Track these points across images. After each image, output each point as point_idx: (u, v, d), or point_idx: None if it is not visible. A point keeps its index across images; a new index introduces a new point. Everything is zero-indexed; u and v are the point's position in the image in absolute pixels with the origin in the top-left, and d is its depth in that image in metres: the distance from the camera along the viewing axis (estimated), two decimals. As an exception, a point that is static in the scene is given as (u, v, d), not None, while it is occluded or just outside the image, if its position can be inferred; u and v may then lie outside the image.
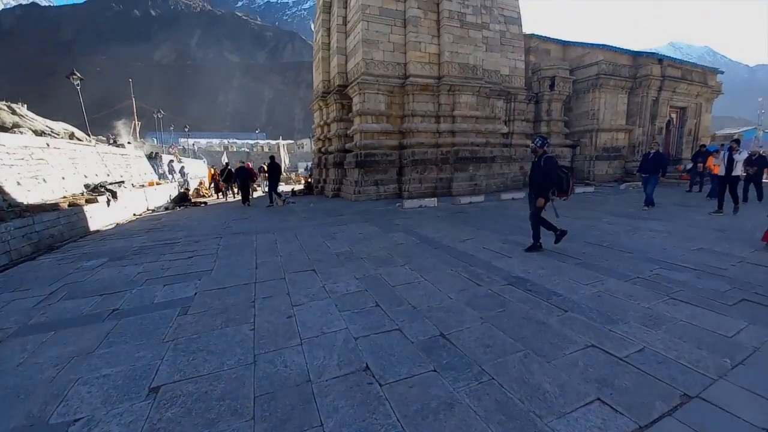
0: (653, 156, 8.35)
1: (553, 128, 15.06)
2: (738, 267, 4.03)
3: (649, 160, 8.36)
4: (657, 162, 8.26)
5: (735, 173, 7.31)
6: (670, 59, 16.66)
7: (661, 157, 8.47)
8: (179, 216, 10.57)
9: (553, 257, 4.59)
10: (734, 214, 7.24)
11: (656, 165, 8.23)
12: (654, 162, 8.26)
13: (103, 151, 12.79)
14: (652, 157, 8.35)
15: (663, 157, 8.60)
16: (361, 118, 11.64)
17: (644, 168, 8.47)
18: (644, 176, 8.44)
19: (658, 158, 8.33)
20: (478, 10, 12.39)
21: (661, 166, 8.27)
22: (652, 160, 8.31)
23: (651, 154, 8.41)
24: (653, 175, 8.20)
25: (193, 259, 5.18)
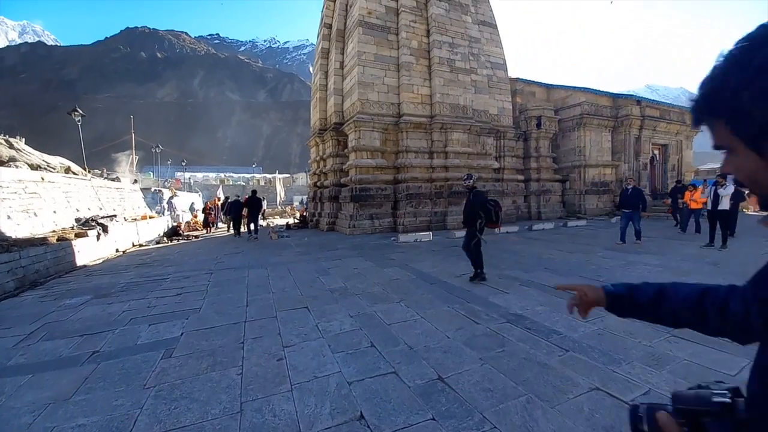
0: (632, 192, 8.45)
1: (542, 164, 15.57)
2: None
3: (629, 195, 8.45)
4: (637, 197, 8.36)
5: (722, 207, 7.49)
6: (648, 101, 17.76)
7: (640, 192, 8.59)
8: (170, 250, 10.38)
9: (551, 293, 4.53)
10: (720, 249, 7.29)
11: (637, 200, 8.32)
12: (634, 197, 8.35)
13: (98, 185, 12.79)
14: (631, 193, 8.44)
15: (641, 192, 8.74)
16: (357, 154, 11.95)
17: (625, 204, 8.50)
18: (626, 212, 8.44)
19: (637, 194, 8.44)
20: (466, 56, 13.26)
21: (641, 201, 8.37)
22: (632, 196, 8.39)
23: (629, 189, 8.52)
24: (636, 211, 8.25)
25: (181, 296, 5.01)
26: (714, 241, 7.54)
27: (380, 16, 12.55)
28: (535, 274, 5.48)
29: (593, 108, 15.68)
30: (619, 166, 16.22)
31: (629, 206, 8.35)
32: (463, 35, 13.35)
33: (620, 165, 16.19)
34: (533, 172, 15.42)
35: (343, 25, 13.92)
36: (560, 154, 16.42)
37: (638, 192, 8.51)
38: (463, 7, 13.78)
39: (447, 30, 12.92)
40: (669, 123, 17.17)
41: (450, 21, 13.04)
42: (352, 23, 12.91)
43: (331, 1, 15.21)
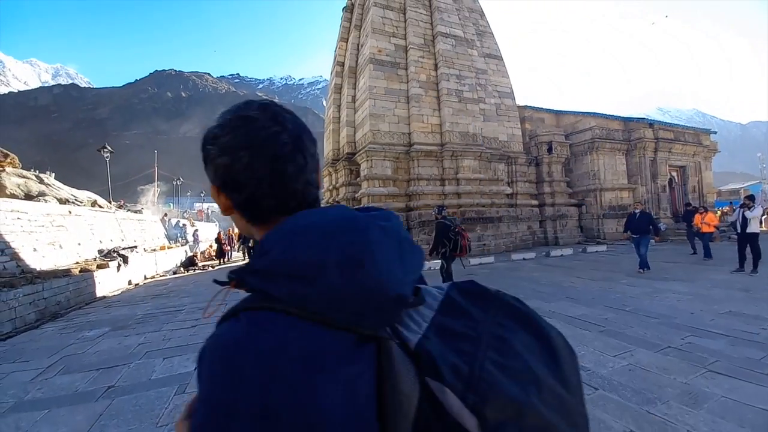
0: (640, 216, 8.07)
1: (556, 188, 15.41)
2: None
3: (637, 219, 8.05)
4: (647, 221, 7.98)
5: (750, 230, 7.15)
6: (660, 123, 17.66)
7: (649, 216, 8.24)
8: (186, 281, 10.52)
9: (575, 324, 4.32)
10: (751, 274, 6.89)
11: (647, 224, 7.92)
12: (644, 222, 7.96)
13: (121, 217, 13.31)
14: (639, 217, 8.05)
15: (651, 216, 8.39)
16: (369, 182, 12.14)
17: (634, 228, 8.05)
18: (635, 237, 8.00)
19: (646, 218, 8.07)
20: (474, 87, 13.67)
21: (652, 225, 7.97)
22: (640, 220, 7.99)
23: (637, 213, 8.15)
24: (645, 236, 7.83)
25: (196, 328, 5.01)
26: (744, 265, 7.15)
27: (390, 53, 13.20)
28: (557, 304, 5.26)
29: (604, 132, 15.66)
30: (636, 189, 15.87)
31: (638, 231, 7.95)
32: (469, 67, 13.84)
33: (637, 188, 15.85)
34: (547, 197, 15.24)
35: (355, 63, 14.67)
36: (574, 178, 16.26)
37: (647, 216, 8.15)
38: (469, 42, 14.40)
39: (454, 63, 13.43)
40: (684, 144, 16.92)
41: (457, 55, 13.59)
42: (363, 61, 13.60)
43: (343, 42, 16.15)
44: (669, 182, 16.69)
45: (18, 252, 7.48)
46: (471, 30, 14.96)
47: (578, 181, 16.11)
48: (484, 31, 15.83)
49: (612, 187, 15.40)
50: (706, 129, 19.72)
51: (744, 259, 7.20)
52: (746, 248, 7.21)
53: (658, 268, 8.10)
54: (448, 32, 13.69)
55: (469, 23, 15.05)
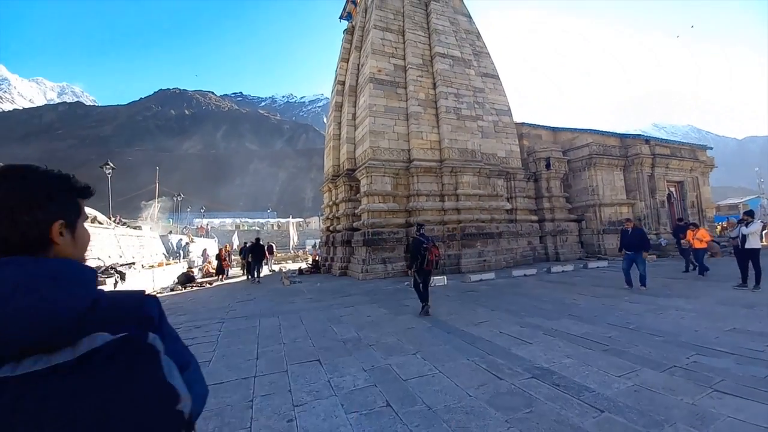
0: (633, 232, 7.95)
1: (555, 204, 15.46)
2: None
3: (630, 236, 7.92)
4: (640, 238, 7.84)
5: (749, 246, 7.11)
6: (656, 139, 17.91)
7: (642, 232, 8.10)
8: (184, 298, 10.40)
9: (578, 343, 4.24)
10: (754, 290, 6.81)
11: (640, 241, 7.79)
12: (636, 238, 7.82)
13: (120, 234, 13.29)
14: (632, 234, 7.93)
15: (643, 232, 8.22)
16: (369, 198, 12.19)
17: (629, 245, 7.91)
18: (628, 254, 7.87)
19: (640, 234, 7.93)
20: (472, 105, 13.94)
21: (644, 242, 7.84)
22: (633, 237, 7.87)
23: (629, 231, 8.03)
24: (639, 253, 7.70)
25: (191, 347, 4.84)
26: (747, 281, 7.08)
27: (389, 73, 13.53)
28: (560, 321, 5.19)
29: (601, 148, 15.85)
30: (635, 204, 15.93)
31: (631, 248, 7.84)
32: (467, 86, 14.16)
33: (636, 203, 15.90)
34: (547, 212, 15.28)
35: (355, 82, 15.01)
36: (573, 194, 16.34)
37: (640, 233, 8.02)
38: (466, 62, 14.79)
39: (452, 82, 13.75)
40: (681, 160, 17.10)
41: (454, 75, 13.93)
42: (363, 80, 13.92)
43: (344, 62, 16.58)
44: (668, 197, 16.77)
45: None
46: (468, 50, 15.39)
47: (577, 196, 16.19)
48: (481, 52, 16.29)
49: (611, 202, 15.45)
50: (701, 145, 19.98)
51: (746, 275, 7.14)
52: (747, 263, 7.16)
53: (660, 285, 8.04)
54: (445, 53, 14.08)
55: (466, 44, 15.50)
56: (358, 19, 16.58)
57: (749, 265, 7.14)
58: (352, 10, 18.80)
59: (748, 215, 7.40)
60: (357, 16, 17.01)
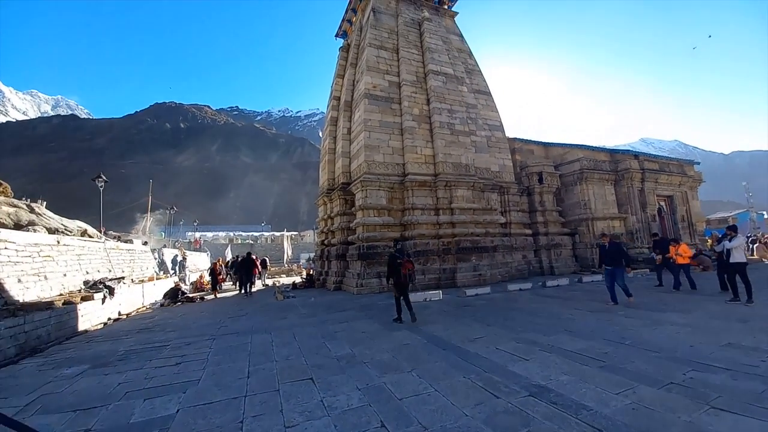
0: (610, 247, 7.79)
1: (548, 218, 15.60)
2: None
3: (608, 251, 7.77)
4: (618, 253, 7.70)
5: (734, 260, 7.18)
6: (645, 155, 18.32)
7: (619, 246, 7.93)
8: (174, 313, 10.16)
9: (574, 359, 4.20)
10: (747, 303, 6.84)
11: (619, 256, 7.66)
12: (615, 253, 7.68)
13: (110, 247, 13.03)
14: (609, 248, 7.78)
15: (621, 246, 8.02)
16: (364, 212, 12.19)
17: (607, 260, 7.78)
18: (608, 269, 7.72)
19: (617, 249, 7.77)
20: (465, 120, 14.20)
21: (623, 256, 7.71)
22: (611, 252, 7.72)
23: (606, 246, 7.89)
24: (618, 268, 7.59)
25: (180, 365, 4.77)
26: (738, 294, 7.15)
27: (384, 89, 13.79)
28: (556, 337, 5.15)
29: (592, 163, 16.16)
30: (627, 219, 16.14)
31: (611, 263, 7.70)
32: (460, 102, 14.45)
33: (628, 217, 16.12)
34: (540, 226, 15.39)
35: (351, 98, 15.25)
36: (566, 208, 16.53)
37: (616, 247, 7.87)
38: (459, 79, 15.15)
39: (445, 98, 14.04)
40: (670, 175, 17.48)
41: (448, 91, 14.23)
42: (358, 95, 14.15)
43: (339, 78, 16.88)
44: (658, 211, 17.04)
45: (2, 283, 7.22)
46: (460, 68, 15.79)
47: (570, 210, 16.37)
48: (473, 70, 16.72)
49: (603, 216, 15.65)
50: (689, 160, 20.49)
51: (736, 289, 7.21)
52: (734, 278, 7.25)
53: (654, 299, 8.07)
54: (439, 70, 14.42)
55: (458, 62, 15.92)
56: (353, 37, 16.98)
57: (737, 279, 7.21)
58: (347, 29, 19.29)
59: (732, 230, 7.48)
60: (352, 35, 17.43)
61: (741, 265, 7.14)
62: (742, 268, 7.12)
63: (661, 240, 10.77)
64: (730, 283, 7.31)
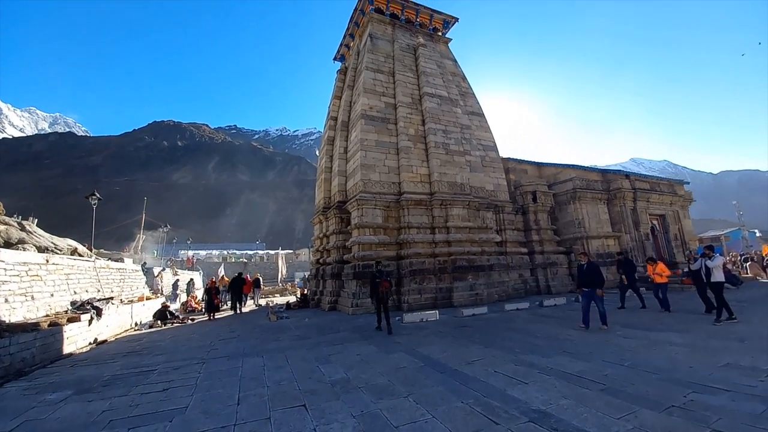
0: (587, 267, 7.50)
1: (543, 236, 15.67)
2: (766, 381, 3.83)
3: (584, 272, 7.48)
4: (593, 273, 7.39)
5: (714, 279, 7.16)
6: (636, 174, 18.69)
7: (595, 267, 7.56)
8: (163, 335, 9.86)
9: (574, 381, 4.12)
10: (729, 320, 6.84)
11: (593, 277, 7.36)
12: (590, 274, 7.40)
13: (100, 266, 12.77)
14: (586, 269, 7.49)
15: (597, 267, 7.62)
16: (360, 231, 12.16)
17: (582, 282, 7.50)
18: (585, 291, 7.44)
19: (593, 269, 7.47)
20: (459, 141, 14.48)
21: (597, 278, 7.38)
22: (587, 272, 7.43)
23: (584, 266, 7.64)
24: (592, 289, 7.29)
25: (168, 391, 4.58)
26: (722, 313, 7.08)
27: (380, 110, 14.09)
28: (554, 359, 5.06)
29: (584, 182, 16.42)
30: (621, 237, 16.26)
31: (587, 284, 7.39)
32: (455, 123, 14.78)
33: (622, 236, 16.25)
34: (536, 245, 15.43)
35: (348, 118, 15.53)
36: (560, 226, 16.64)
37: (593, 267, 7.54)
38: (453, 101, 15.56)
39: (440, 119, 14.36)
40: (661, 194, 17.79)
41: (442, 112, 14.58)
42: (355, 116, 14.43)
43: (337, 99, 17.25)
44: (651, 230, 17.21)
45: (-12, 303, 7.01)
46: (454, 91, 16.25)
47: (565, 229, 16.48)
48: (466, 92, 17.22)
49: (597, 234, 15.76)
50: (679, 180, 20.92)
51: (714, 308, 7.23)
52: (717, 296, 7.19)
53: (652, 318, 8.02)
54: (433, 92, 14.83)
55: (452, 85, 16.39)
56: (350, 60, 17.51)
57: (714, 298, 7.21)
58: (345, 53, 19.91)
59: (709, 249, 7.53)
60: (350, 59, 17.98)
61: (719, 284, 7.13)
62: (720, 288, 7.12)
63: (625, 260, 10.21)
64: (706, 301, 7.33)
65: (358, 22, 17.77)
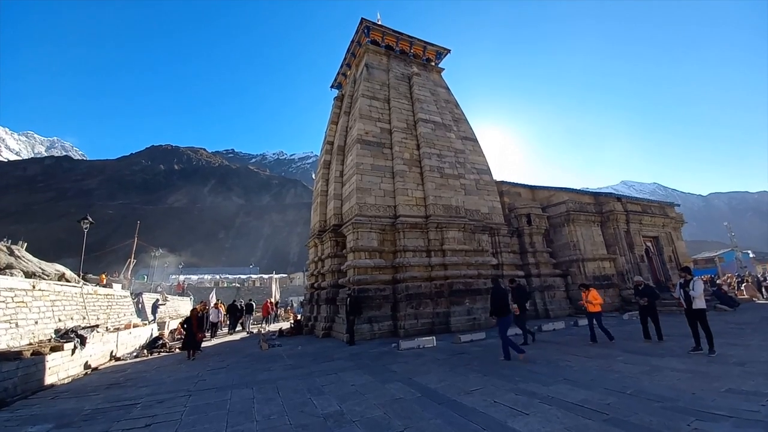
0: (494, 292, 7.15)
1: (539, 259, 15.65)
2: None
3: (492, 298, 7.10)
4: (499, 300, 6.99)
5: (696, 306, 6.57)
6: (627, 197, 19.02)
7: (501, 294, 7.16)
8: (148, 366, 9.45)
9: (576, 411, 3.97)
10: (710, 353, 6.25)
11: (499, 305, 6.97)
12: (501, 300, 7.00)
13: (87, 292, 12.42)
14: (493, 294, 7.17)
15: (503, 294, 7.20)
16: (355, 254, 12.06)
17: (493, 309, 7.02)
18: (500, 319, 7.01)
19: (503, 295, 7.09)
20: (454, 164, 14.74)
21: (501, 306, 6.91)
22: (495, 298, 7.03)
23: (509, 289, 7.16)
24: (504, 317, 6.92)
25: (150, 427, 4.33)
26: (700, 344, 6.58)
27: (376, 135, 14.40)
28: (555, 387, 4.90)
29: (578, 205, 16.63)
30: (616, 259, 16.29)
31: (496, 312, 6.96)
32: (449, 147, 15.11)
33: (617, 258, 16.29)
34: (532, 267, 15.37)
35: (344, 142, 15.82)
36: (555, 249, 16.67)
37: (503, 293, 7.09)
38: (447, 126, 15.99)
39: (435, 144, 14.68)
40: (653, 216, 18.04)
41: (437, 137, 14.93)
42: (351, 140, 14.70)
43: (333, 124, 17.65)
44: (646, 252, 17.30)
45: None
46: (448, 117, 16.72)
47: (560, 251, 16.51)
48: (459, 118, 17.72)
49: (593, 257, 15.78)
50: (669, 202, 21.30)
51: (698, 336, 6.66)
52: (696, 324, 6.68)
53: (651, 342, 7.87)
54: (428, 118, 15.25)
55: (446, 111, 16.89)
56: (347, 88, 18.08)
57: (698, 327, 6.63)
58: (342, 81, 20.59)
59: (686, 272, 7.00)
60: (346, 86, 18.57)
61: (702, 312, 6.56)
62: (703, 315, 6.55)
63: (517, 288, 8.85)
64: (694, 329, 6.69)
65: (354, 52, 18.50)
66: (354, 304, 10.36)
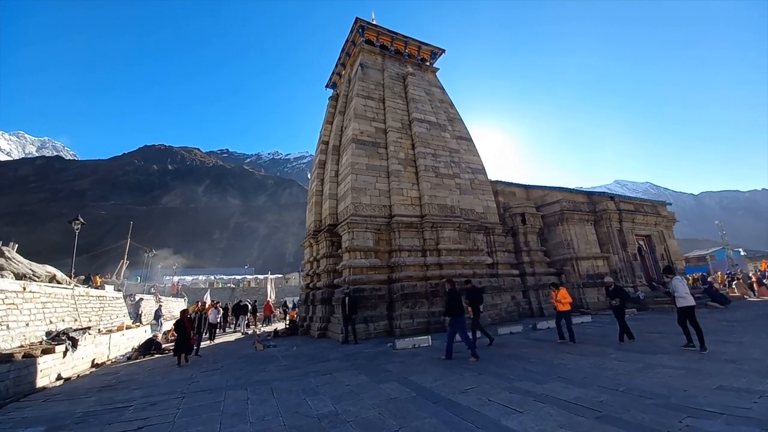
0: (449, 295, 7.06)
1: (534, 258, 15.74)
2: (760, 403, 3.82)
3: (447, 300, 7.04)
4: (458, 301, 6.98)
5: (682, 304, 6.57)
6: (620, 196, 19.19)
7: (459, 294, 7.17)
8: (141, 368, 9.36)
9: (570, 409, 4.00)
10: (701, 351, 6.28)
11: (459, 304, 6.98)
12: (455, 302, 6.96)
13: (79, 294, 12.27)
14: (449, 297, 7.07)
15: (456, 295, 7.16)
16: (350, 254, 12.03)
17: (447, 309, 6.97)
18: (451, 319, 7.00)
19: (456, 297, 7.06)
20: (449, 164, 14.77)
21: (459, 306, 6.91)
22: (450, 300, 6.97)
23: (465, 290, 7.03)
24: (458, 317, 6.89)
25: (143, 429, 4.29)
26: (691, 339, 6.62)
27: (371, 134, 14.38)
28: (549, 385, 4.93)
29: (572, 204, 16.75)
30: (609, 258, 16.43)
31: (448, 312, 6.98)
32: (444, 147, 15.14)
33: (611, 256, 16.42)
34: (527, 266, 15.46)
35: (339, 142, 15.78)
36: (550, 248, 16.77)
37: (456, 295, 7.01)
38: (441, 126, 16.01)
39: (429, 143, 14.70)
40: (645, 215, 18.22)
41: (431, 137, 14.95)
42: (346, 140, 14.67)
43: (328, 124, 17.59)
44: (638, 250, 17.47)
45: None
46: (443, 116, 16.76)
47: (554, 250, 16.61)
48: (454, 118, 17.76)
49: (587, 255, 15.90)
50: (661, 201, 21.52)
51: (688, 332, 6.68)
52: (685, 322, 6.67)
53: (644, 340, 7.96)
54: (423, 118, 15.26)
55: (440, 111, 16.93)
56: (342, 88, 18.03)
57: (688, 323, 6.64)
58: (336, 81, 20.54)
59: (668, 272, 7.01)
60: (341, 86, 18.52)
61: (690, 308, 6.56)
62: (690, 313, 6.56)
63: (470, 289, 8.54)
64: (682, 327, 6.74)
65: (349, 52, 18.46)
66: (350, 304, 10.33)
